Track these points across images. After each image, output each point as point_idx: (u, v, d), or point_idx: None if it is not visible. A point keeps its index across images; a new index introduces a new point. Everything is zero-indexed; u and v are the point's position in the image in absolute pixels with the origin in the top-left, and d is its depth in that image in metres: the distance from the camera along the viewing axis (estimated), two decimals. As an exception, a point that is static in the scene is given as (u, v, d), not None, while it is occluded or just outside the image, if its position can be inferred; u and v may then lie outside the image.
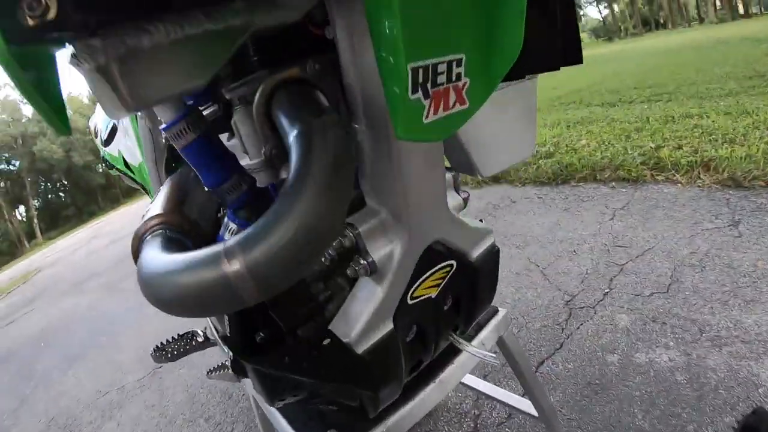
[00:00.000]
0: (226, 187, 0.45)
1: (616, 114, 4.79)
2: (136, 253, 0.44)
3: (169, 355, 0.83)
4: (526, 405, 0.96)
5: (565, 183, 3.11)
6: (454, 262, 0.51)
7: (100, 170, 44.98)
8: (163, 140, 0.70)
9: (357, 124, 0.43)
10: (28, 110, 40.19)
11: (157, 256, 0.36)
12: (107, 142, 1.11)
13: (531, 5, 0.34)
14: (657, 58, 10.56)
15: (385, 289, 0.46)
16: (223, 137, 0.55)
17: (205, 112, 0.53)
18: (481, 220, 0.55)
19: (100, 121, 1.24)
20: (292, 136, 0.36)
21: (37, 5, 0.25)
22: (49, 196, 43.40)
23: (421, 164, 0.45)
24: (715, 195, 2.30)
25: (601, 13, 56.97)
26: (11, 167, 38.40)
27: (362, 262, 0.45)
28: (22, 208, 40.77)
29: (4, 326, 5.34)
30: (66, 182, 42.80)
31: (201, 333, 0.85)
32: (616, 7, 52.35)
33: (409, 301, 0.49)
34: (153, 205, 0.50)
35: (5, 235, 36.62)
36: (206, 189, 0.45)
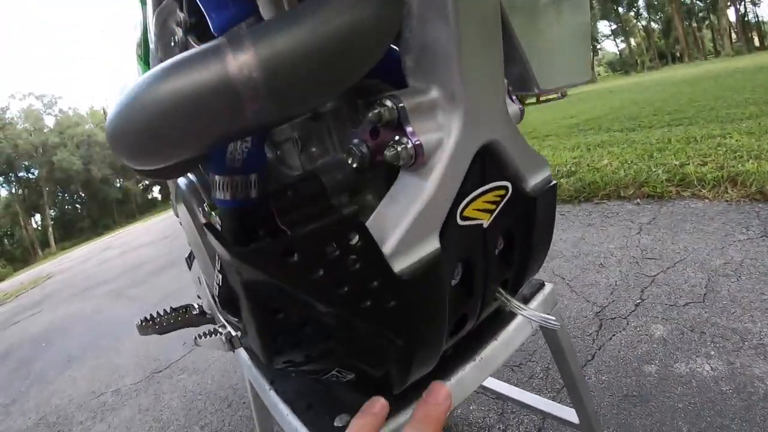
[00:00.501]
0: (242, 29, 0.34)
1: (636, 137, 4.71)
2: None
3: (157, 326, 0.74)
4: (561, 411, 0.84)
5: (588, 201, 3.02)
6: (509, 185, 0.40)
7: (118, 185, 46.02)
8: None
9: None
10: (50, 121, 41.44)
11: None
12: None
13: None
14: (675, 87, 10.52)
15: (433, 186, 0.34)
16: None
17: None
18: None
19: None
20: None
21: None
22: (66, 206, 44.25)
23: (479, 34, 0.35)
24: (744, 208, 2.21)
25: (617, 47, 57.40)
26: (30, 175, 39.30)
27: (407, 142, 0.33)
28: (38, 217, 41.52)
29: (9, 326, 5.33)
30: (83, 194, 43.65)
31: (197, 306, 0.76)
32: (632, 41, 52.84)
33: (459, 221, 0.38)
34: None
35: (19, 241, 37.18)
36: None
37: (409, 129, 0.34)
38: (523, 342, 0.54)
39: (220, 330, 0.58)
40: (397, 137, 0.34)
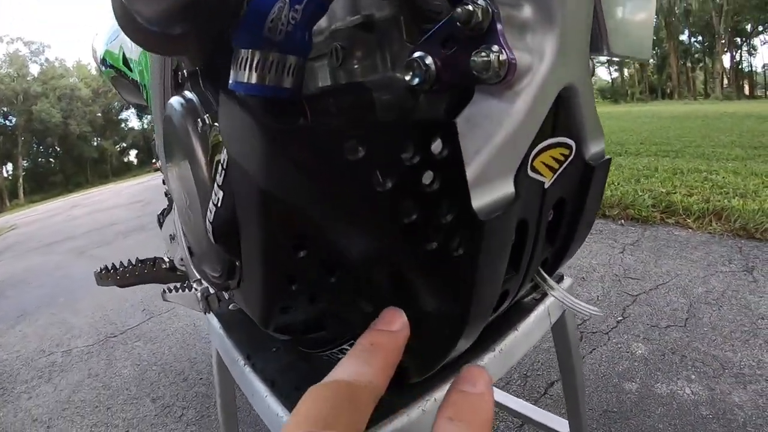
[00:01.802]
0: None
1: (623, 162, 4.78)
2: None
3: (119, 277, 0.65)
4: (548, 419, 0.79)
5: (571, 216, 3.02)
6: (573, 145, 0.34)
7: (95, 144, 44.54)
8: None
9: None
10: (34, 69, 39.88)
11: None
12: (110, 40, 0.98)
13: None
14: (662, 121, 10.77)
15: (522, 112, 0.27)
16: None
17: None
18: None
19: (102, 35, 1.14)
20: None
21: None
22: (39, 159, 42.76)
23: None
24: (727, 242, 2.24)
25: (610, 75, 58.55)
26: (7, 123, 37.75)
27: (500, 51, 0.26)
28: (10, 166, 39.92)
29: (-39, 275, 5.06)
30: (59, 149, 42.22)
31: (167, 260, 0.68)
32: (626, 72, 53.95)
33: (529, 171, 0.31)
34: None
35: (-13, 189, 35.70)
36: None
37: (503, 37, 0.26)
38: (542, 336, 0.49)
39: (195, 286, 0.50)
40: (484, 45, 0.26)
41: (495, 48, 0.26)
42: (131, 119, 47.42)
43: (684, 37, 43.43)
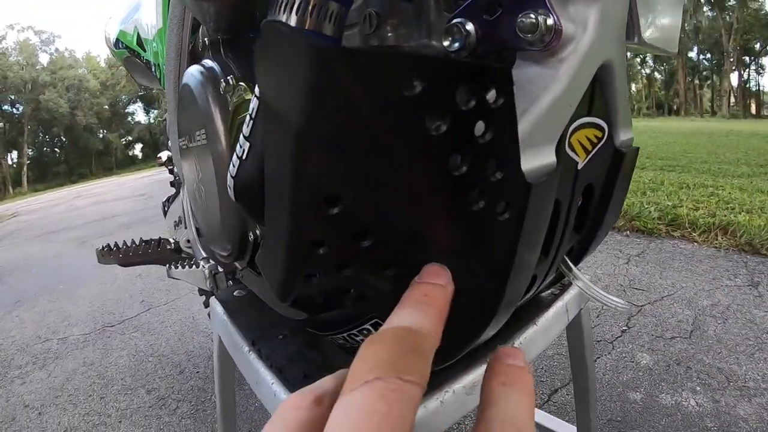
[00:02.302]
0: None
1: (629, 173, 4.75)
2: None
3: (121, 256, 0.64)
4: (552, 422, 0.77)
5: (576, 226, 3.01)
6: (606, 128, 0.34)
7: (101, 136, 44.68)
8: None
9: None
10: (44, 58, 40.08)
11: None
12: (125, 21, 0.98)
13: None
14: (668, 137, 10.76)
15: (566, 78, 0.26)
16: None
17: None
18: None
19: (115, 18, 1.14)
20: None
21: None
22: (45, 148, 42.90)
23: None
24: (732, 257, 2.23)
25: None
26: (14, 110, 37.90)
27: (548, 14, 0.25)
28: (15, 154, 40.05)
29: (-39, 260, 5.05)
30: (64, 139, 42.36)
31: (172, 241, 0.67)
32: (633, 87, 53.99)
33: (567, 147, 0.30)
34: None
35: (-9, 176, 35.85)
36: None
37: (550, 2, 0.26)
38: (559, 332, 0.48)
39: (202, 263, 0.48)
40: (531, 9, 0.26)
41: (542, 11, 0.25)
42: (138, 113, 47.75)
43: (693, 54, 43.52)
